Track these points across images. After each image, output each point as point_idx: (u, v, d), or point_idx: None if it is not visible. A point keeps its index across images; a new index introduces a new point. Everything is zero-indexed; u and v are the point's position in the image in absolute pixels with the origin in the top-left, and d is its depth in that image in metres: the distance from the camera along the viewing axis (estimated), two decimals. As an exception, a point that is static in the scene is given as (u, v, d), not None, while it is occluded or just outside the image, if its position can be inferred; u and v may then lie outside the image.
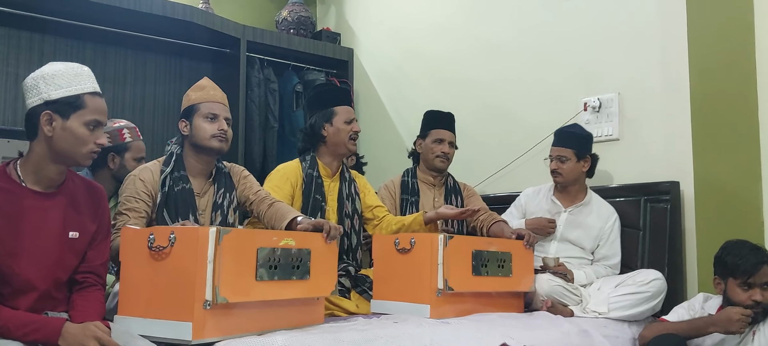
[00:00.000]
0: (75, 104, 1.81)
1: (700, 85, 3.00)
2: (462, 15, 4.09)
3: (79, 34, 3.90)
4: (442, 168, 3.24)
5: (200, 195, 2.43)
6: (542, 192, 3.24)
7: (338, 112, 2.92)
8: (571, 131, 3.11)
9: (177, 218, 2.32)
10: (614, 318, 2.76)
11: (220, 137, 2.42)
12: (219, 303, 1.84)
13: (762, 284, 2.43)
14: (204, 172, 2.47)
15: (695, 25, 3.03)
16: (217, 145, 2.41)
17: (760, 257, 2.45)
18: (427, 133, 3.27)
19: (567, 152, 3.06)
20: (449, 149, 3.24)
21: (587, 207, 3.10)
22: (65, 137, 1.81)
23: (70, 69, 1.85)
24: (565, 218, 3.10)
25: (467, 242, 2.62)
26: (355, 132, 2.94)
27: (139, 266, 1.94)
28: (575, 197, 3.13)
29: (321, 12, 5.07)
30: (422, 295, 2.47)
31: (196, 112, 2.42)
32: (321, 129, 2.91)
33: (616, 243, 3.08)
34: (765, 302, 2.43)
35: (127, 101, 4.13)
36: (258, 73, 4.31)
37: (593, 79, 3.44)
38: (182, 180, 2.39)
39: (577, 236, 3.07)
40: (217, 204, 2.44)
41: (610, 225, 3.07)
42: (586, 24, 3.49)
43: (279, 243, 2.04)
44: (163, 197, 2.34)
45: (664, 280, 2.82)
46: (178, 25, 3.99)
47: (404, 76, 4.42)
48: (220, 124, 2.42)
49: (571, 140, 3.06)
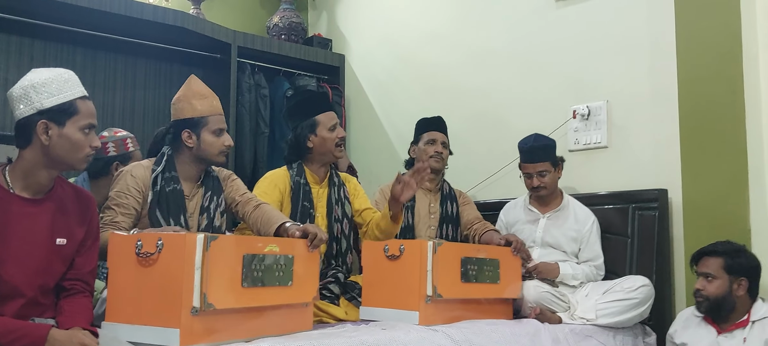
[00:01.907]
0: (69, 111, 1.82)
1: (688, 93, 3.03)
2: (453, 23, 4.11)
3: (69, 38, 3.88)
4: (438, 168, 3.23)
5: (189, 198, 2.43)
6: (518, 204, 3.27)
7: (321, 121, 2.90)
8: (543, 145, 3.12)
9: (169, 219, 2.32)
10: (602, 325, 2.78)
11: (226, 152, 2.46)
12: (207, 310, 1.84)
13: (703, 273, 2.57)
14: (194, 176, 2.47)
15: (683, 35, 3.06)
16: (223, 159, 2.47)
17: (704, 250, 2.60)
18: (419, 138, 3.29)
19: (545, 166, 3.09)
20: (443, 149, 3.24)
21: (564, 211, 3.13)
22: (62, 144, 1.81)
23: (58, 75, 1.85)
24: (544, 223, 3.13)
25: (456, 249, 2.63)
26: (341, 138, 2.93)
27: (126, 272, 1.94)
28: (551, 202, 3.16)
29: (312, 18, 5.07)
30: (411, 302, 2.47)
31: (204, 126, 2.40)
32: (306, 140, 2.90)
33: (596, 245, 3.10)
34: (704, 291, 2.55)
35: (118, 106, 4.12)
36: (249, 78, 4.31)
37: (582, 87, 3.47)
38: (173, 181, 2.38)
39: (557, 239, 3.09)
40: (204, 207, 2.43)
41: (589, 228, 3.09)
42: (576, 33, 3.51)
43: (263, 249, 2.05)
44: (154, 196, 2.33)
45: (652, 286, 2.85)
46: (169, 31, 3.98)
47: (395, 82, 4.43)
48: (225, 139, 2.44)
49: (546, 153, 3.09)
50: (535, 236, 3.12)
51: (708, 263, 2.58)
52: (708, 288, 2.55)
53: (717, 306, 2.54)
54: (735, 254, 2.55)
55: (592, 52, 3.44)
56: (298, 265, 2.16)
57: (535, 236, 3.12)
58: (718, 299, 2.53)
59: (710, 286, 2.54)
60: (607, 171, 3.30)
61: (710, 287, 2.54)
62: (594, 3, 3.45)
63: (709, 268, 2.56)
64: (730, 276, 2.53)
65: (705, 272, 2.57)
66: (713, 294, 2.54)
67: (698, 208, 2.98)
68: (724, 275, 2.54)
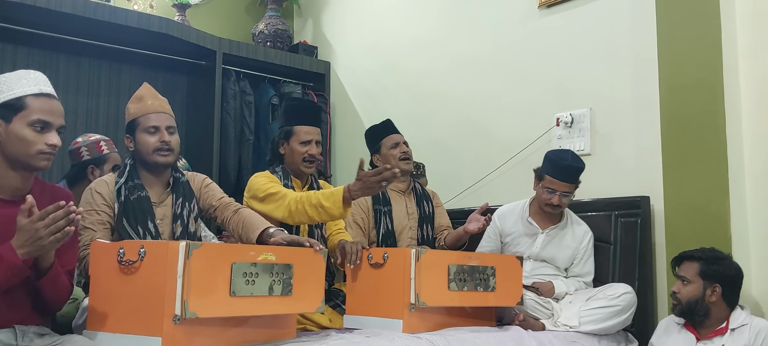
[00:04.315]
0: (15, 106, 1.80)
1: (670, 101, 3.06)
2: (439, 31, 4.13)
3: (53, 45, 3.86)
4: (409, 169, 3.22)
5: (157, 204, 2.37)
6: (516, 212, 3.19)
7: (297, 133, 2.85)
8: (578, 168, 2.98)
9: (137, 226, 2.29)
10: (585, 332, 2.79)
11: (162, 151, 2.33)
12: (188, 318, 1.83)
13: (680, 276, 2.60)
14: (159, 182, 2.41)
15: (665, 44, 3.09)
16: (161, 159, 2.33)
17: (684, 254, 2.63)
18: (379, 146, 3.22)
19: (572, 189, 2.99)
20: (407, 148, 3.21)
21: (563, 229, 3.10)
22: (11, 141, 1.80)
23: (15, 74, 1.85)
24: (542, 239, 3.09)
25: (443, 257, 2.62)
26: (310, 155, 2.85)
27: (108, 281, 1.93)
28: (552, 217, 3.10)
29: (298, 25, 5.08)
30: (395, 310, 2.46)
31: (137, 127, 2.35)
32: (279, 146, 2.88)
33: (590, 261, 3.10)
34: (679, 294, 2.57)
35: (102, 113, 4.10)
36: (234, 85, 4.31)
37: (566, 94, 3.49)
38: (137, 189, 2.34)
39: (552, 255, 3.07)
40: (177, 215, 2.38)
41: (585, 244, 3.09)
42: (560, 41, 3.54)
43: (257, 258, 2.00)
44: (120, 208, 2.30)
45: (635, 294, 2.86)
46: (154, 37, 3.97)
47: (381, 89, 4.44)
48: (161, 136, 2.33)
49: (578, 177, 2.99)
50: (532, 250, 3.08)
51: (686, 267, 2.61)
52: (682, 291, 2.57)
53: (690, 310, 2.56)
54: (713, 261, 2.57)
55: (575, 60, 3.47)
56: (300, 273, 2.10)
57: (531, 250, 3.08)
58: (691, 302, 2.55)
59: (684, 289, 2.57)
60: (590, 178, 3.30)
61: (684, 291, 2.57)
62: (577, 11, 3.48)
63: (686, 272, 2.59)
64: (704, 281, 2.55)
65: (682, 276, 2.60)
66: (686, 298, 2.56)
67: (680, 215, 3.00)
68: (699, 279, 2.55)
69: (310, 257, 2.17)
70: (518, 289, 2.77)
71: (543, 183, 3.00)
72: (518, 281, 2.78)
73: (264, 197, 2.67)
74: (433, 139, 3.92)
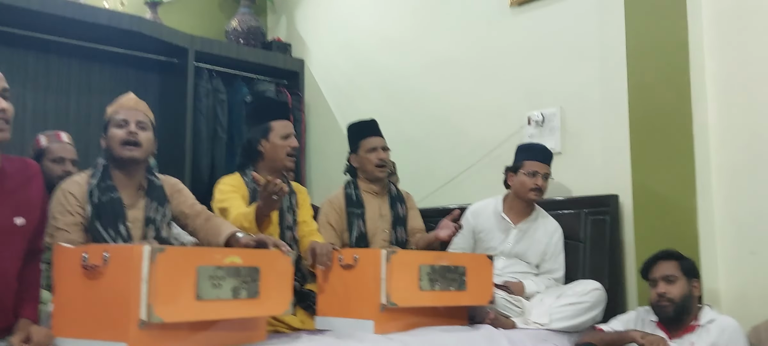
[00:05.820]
0: None
1: (638, 100, 3.10)
2: (411, 30, 4.14)
3: (21, 43, 3.79)
4: (383, 176, 3.20)
5: (129, 207, 2.35)
6: (489, 208, 3.22)
7: (275, 128, 2.87)
8: (551, 151, 3.15)
9: (108, 228, 2.26)
10: (556, 329, 2.81)
11: (128, 144, 2.31)
12: (154, 323, 1.82)
13: (662, 277, 2.55)
14: (132, 183, 2.38)
15: (633, 43, 3.13)
16: (127, 153, 2.30)
17: (656, 256, 2.61)
18: (357, 146, 3.18)
19: (549, 171, 3.11)
20: (384, 154, 3.17)
21: (535, 223, 3.14)
22: None
23: None
24: (515, 234, 3.12)
25: (413, 257, 2.62)
26: (293, 148, 2.88)
27: (72, 286, 1.91)
28: (523, 212, 3.15)
29: (272, 22, 5.05)
30: (366, 311, 2.47)
31: (109, 124, 2.36)
32: (257, 144, 2.87)
33: (560, 257, 3.14)
34: (669, 293, 2.52)
35: (72, 112, 4.04)
36: (207, 83, 4.27)
37: (537, 93, 3.52)
38: (109, 190, 2.31)
39: (525, 251, 3.11)
40: (150, 219, 2.36)
41: (556, 240, 3.13)
42: (530, 40, 3.57)
43: (223, 261, 1.99)
44: (93, 210, 2.27)
45: (603, 290, 2.89)
46: (125, 35, 3.92)
47: (355, 88, 4.43)
48: (128, 128, 2.32)
49: (551, 159, 3.13)
50: (505, 246, 3.11)
51: (665, 266, 2.56)
52: (672, 291, 2.50)
53: (681, 309, 2.51)
54: (683, 258, 2.59)
55: (545, 59, 3.50)
56: (267, 276, 2.09)
57: (504, 246, 3.12)
58: (683, 300, 2.51)
59: (673, 288, 2.50)
60: (560, 176, 3.35)
61: (674, 289, 2.51)
62: (547, 11, 3.51)
63: (669, 270, 2.54)
64: (687, 278, 2.53)
65: (665, 275, 2.53)
66: (678, 296, 2.50)
67: (648, 212, 3.05)
68: (683, 276, 2.53)
69: (278, 259, 2.16)
70: (489, 288, 2.79)
71: (523, 170, 3.09)
72: (489, 280, 2.80)
73: (220, 212, 2.70)
74: (405, 137, 3.92)
